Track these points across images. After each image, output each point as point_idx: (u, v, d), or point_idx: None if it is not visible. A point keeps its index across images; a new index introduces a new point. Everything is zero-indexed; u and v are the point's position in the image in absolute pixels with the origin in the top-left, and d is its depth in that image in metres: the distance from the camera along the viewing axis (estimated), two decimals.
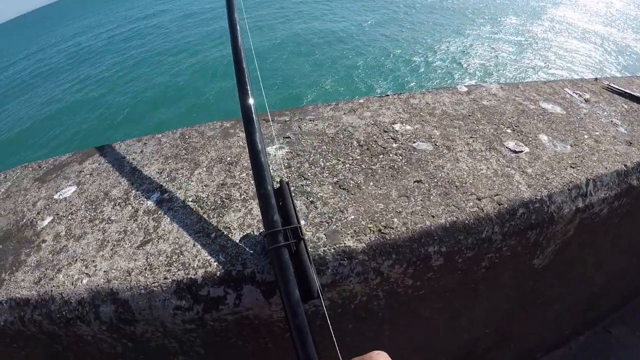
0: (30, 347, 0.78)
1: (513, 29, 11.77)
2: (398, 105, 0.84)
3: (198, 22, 17.43)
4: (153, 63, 13.55)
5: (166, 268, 0.60)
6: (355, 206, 0.62)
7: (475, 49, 10.68)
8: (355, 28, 13.01)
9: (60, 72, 15.71)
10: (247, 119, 0.61)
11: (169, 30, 17.60)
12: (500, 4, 14.09)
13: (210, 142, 0.79)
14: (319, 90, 9.11)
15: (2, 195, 0.90)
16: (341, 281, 0.59)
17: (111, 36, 19.62)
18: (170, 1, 24.89)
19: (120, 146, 0.86)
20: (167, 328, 0.64)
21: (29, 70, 17.54)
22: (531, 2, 13.87)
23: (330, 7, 15.17)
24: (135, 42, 16.99)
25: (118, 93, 11.58)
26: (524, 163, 0.74)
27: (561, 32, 11.28)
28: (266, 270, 0.57)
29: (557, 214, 0.74)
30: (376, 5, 15.39)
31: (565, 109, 0.88)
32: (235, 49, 0.67)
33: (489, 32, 11.74)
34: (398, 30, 12.45)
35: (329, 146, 0.73)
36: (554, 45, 10.59)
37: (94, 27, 23.92)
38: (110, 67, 14.30)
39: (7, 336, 0.75)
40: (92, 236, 0.70)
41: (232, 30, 0.71)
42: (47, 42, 23.54)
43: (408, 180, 0.67)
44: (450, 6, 14.44)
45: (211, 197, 0.67)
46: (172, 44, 15.14)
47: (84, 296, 0.64)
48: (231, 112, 8.45)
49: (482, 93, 0.89)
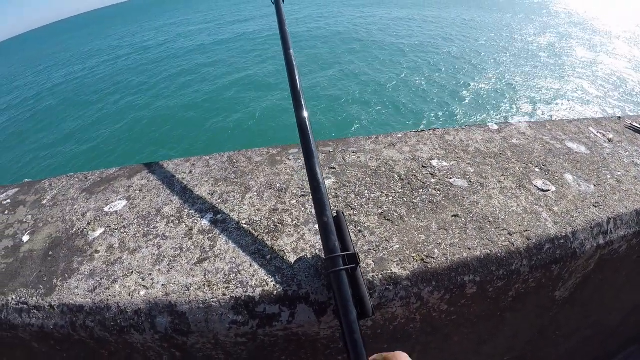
0: (74, 351, 0.87)
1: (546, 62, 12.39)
2: (434, 141, 0.94)
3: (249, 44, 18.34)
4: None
5: (225, 285, 0.70)
6: (400, 236, 0.72)
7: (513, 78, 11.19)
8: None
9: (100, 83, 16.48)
10: (305, 145, 0.70)
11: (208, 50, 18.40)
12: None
13: (259, 168, 0.89)
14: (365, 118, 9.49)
15: (49, 202, 0.99)
16: (386, 304, 0.69)
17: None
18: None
19: (168, 165, 0.96)
20: (219, 340, 0.73)
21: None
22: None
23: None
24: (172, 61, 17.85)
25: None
26: (551, 201, 0.85)
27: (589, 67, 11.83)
28: (319, 292, 0.66)
29: (579, 250, 0.84)
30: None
31: (589, 148, 0.99)
32: (289, 64, 0.78)
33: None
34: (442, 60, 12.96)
35: (372, 179, 0.83)
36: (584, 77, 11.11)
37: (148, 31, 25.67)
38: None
39: (52, 338, 0.83)
40: (148, 250, 0.80)
41: (284, 43, 0.81)
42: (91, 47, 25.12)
43: (446, 214, 0.77)
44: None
45: (264, 221, 0.77)
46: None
47: (141, 307, 0.73)
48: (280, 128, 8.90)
49: (511, 132, 1.00)
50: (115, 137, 10.74)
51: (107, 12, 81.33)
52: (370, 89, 11.14)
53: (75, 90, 16.48)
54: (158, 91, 13.80)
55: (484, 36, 15.76)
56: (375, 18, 21.14)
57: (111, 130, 11.25)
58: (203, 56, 17.49)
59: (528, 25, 16.90)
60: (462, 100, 10.32)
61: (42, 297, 0.80)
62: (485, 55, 13.49)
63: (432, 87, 11.08)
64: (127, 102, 13.43)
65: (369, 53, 14.53)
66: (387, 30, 18.01)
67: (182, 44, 21.26)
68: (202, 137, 9.69)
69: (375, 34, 17.32)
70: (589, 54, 13.08)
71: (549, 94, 10.51)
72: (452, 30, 17.12)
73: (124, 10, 69.17)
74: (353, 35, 17.40)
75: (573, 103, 9.96)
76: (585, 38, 14.81)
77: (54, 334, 0.81)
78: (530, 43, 14.64)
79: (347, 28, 19.04)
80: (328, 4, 29.48)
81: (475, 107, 9.96)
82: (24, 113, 15.06)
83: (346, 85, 11.54)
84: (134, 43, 24.79)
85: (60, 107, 14.71)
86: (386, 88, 11.15)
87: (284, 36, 0.85)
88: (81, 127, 12.06)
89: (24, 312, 0.81)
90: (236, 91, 12.29)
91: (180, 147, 9.28)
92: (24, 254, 0.89)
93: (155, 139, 10.03)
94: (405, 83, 11.43)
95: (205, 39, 21.54)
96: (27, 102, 16.44)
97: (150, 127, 10.82)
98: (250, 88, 12.28)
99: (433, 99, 10.42)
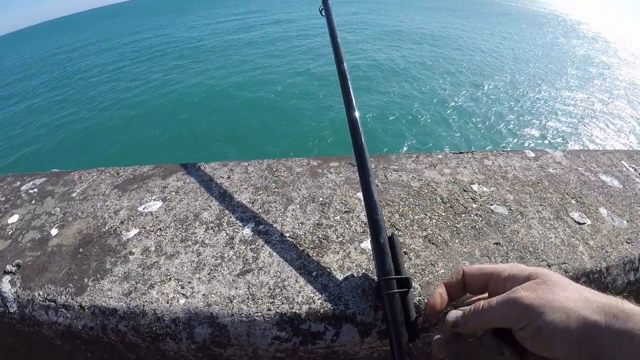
0: (99, 352, 0.87)
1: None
2: (474, 165, 0.96)
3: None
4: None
5: (269, 300, 0.70)
6: (444, 261, 0.74)
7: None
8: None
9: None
10: (361, 165, 0.71)
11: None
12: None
13: (300, 179, 0.90)
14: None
15: (79, 195, 0.98)
16: (429, 328, 0.70)
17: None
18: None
19: (205, 167, 0.96)
20: (257, 354, 0.73)
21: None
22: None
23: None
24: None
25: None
26: (587, 235, 0.87)
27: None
28: (366, 313, 0.68)
29: (611, 285, 0.87)
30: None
31: (622, 182, 1.02)
32: (343, 78, 0.79)
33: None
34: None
35: (416, 199, 0.85)
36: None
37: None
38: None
39: (79, 338, 0.83)
40: (186, 257, 0.80)
41: (335, 46, 0.83)
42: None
43: (489, 241, 0.79)
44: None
45: (309, 236, 0.78)
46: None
47: (180, 316, 0.73)
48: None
49: (547, 160, 1.03)
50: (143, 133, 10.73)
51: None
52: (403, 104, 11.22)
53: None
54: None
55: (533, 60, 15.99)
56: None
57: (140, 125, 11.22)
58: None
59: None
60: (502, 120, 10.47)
61: (72, 296, 0.79)
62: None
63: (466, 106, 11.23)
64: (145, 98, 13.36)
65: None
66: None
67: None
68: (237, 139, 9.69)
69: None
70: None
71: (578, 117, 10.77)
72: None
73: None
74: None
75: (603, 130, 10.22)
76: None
77: (82, 334, 0.80)
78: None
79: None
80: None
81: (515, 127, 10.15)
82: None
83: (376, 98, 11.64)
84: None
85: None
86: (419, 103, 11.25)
87: (336, 49, 0.86)
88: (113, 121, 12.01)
89: (50, 309, 0.80)
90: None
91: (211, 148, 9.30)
92: (52, 248, 0.88)
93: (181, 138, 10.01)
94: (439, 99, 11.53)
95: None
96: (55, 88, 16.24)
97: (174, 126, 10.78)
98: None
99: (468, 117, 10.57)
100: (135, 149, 9.70)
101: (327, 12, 0.96)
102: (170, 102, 12.48)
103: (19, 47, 39.32)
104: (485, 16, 26.18)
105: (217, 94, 12.58)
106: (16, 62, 26.57)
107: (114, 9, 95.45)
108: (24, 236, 0.91)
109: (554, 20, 25.69)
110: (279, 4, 36.23)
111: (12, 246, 0.90)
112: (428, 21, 23.73)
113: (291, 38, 19.81)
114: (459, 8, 29.63)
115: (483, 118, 10.57)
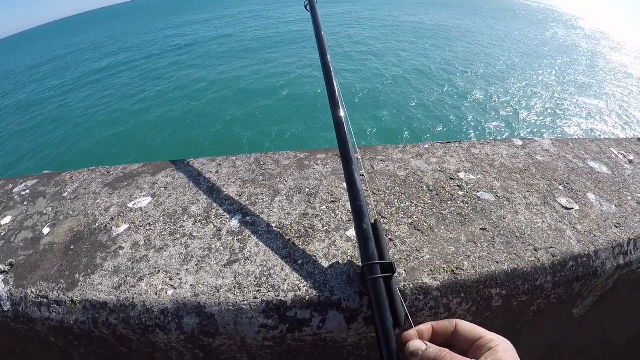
0: (92, 347, 0.88)
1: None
2: (461, 154, 0.97)
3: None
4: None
5: (256, 288, 0.71)
6: (430, 247, 0.75)
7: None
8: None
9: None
10: (343, 151, 0.72)
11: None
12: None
13: (287, 172, 0.91)
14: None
15: (70, 195, 1.00)
16: (415, 313, 0.71)
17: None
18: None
19: (193, 163, 0.98)
20: (246, 343, 0.74)
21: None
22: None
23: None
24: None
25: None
26: (575, 220, 0.88)
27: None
28: (351, 299, 0.68)
29: (600, 269, 0.87)
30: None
31: (610, 169, 1.02)
32: (326, 70, 0.80)
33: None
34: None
35: (402, 188, 0.86)
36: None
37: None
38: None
39: (71, 334, 0.84)
40: (175, 249, 0.81)
41: (320, 48, 0.84)
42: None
43: (475, 227, 0.79)
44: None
45: (295, 225, 0.79)
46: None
47: (168, 307, 0.74)
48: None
49: (535, 148, 1.04)
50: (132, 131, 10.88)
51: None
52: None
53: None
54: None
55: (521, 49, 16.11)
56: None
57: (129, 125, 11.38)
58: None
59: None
60: (490, 110, 10.55)
61: (64, 291, 0.80)
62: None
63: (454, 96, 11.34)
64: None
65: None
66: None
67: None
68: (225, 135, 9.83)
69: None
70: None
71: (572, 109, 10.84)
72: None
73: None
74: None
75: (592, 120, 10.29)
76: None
77: (74, 329, 0.81)
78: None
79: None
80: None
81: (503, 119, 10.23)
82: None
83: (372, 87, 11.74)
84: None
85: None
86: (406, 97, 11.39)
87: (320, 42, 0.87)
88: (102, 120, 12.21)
89: (43, 306, 0.81)
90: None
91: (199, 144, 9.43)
92: (44, 246, 0.89)
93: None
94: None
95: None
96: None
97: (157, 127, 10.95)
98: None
99: (456, 107, 10.65)
100: (132, 151, 9.84)
101: (311, 7, 0.98)
102: (170, 103, 12.75)
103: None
104: (478, 10, 26.37)
105: (225, 94, 12.86)
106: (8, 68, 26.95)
107: (106, 12, 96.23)
108: (16, 236, 0.93)
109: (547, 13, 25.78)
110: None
111: (5, 246, 0.91)
112: (416, 13, 24.06)
113: (281, 36, 20.24)
114: (455, 4, 29.78)
115: (473, 109, 10.75)
